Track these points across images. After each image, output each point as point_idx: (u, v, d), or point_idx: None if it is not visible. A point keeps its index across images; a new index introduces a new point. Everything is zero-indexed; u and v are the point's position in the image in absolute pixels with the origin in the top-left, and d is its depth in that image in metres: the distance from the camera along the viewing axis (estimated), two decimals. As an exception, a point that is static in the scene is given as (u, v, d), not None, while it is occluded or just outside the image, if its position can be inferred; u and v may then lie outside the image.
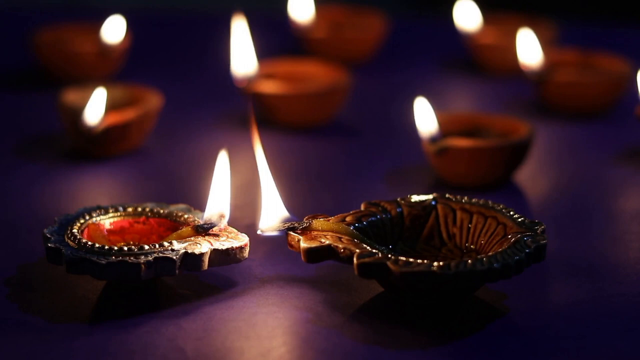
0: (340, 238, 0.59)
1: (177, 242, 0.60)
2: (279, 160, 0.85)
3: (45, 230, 0.61)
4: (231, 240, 0.61)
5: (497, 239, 0.61)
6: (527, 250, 0.58)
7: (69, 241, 0.60)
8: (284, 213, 0.62)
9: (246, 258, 0.61)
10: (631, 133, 0.90)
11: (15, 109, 0.98)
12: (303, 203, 0.76)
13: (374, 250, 0.58)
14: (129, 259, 0.58)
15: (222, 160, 0.64)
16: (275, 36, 1.15)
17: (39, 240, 0.63)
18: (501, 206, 0.63)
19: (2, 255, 0.66)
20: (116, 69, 1.02)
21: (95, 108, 0.81)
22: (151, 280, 0.61)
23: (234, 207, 0.67)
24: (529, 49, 0.97)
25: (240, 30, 0.93)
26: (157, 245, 0.59)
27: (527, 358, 0.56)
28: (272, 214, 0.62)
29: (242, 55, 0.92)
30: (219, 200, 0.63)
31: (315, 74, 0.94)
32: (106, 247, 0.59)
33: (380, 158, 0.86)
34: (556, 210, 0.76)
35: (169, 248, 0.59)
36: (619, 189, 0.81)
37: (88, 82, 0.86)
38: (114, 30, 1.01)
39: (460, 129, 0.81)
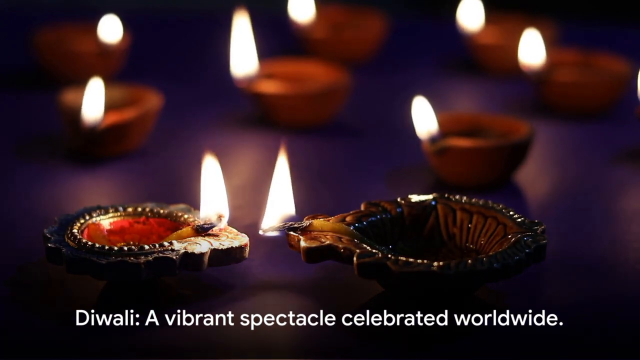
0: (340, 238, 0.59)
1: (177, 242, 0.60)
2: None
3: (45, 230, 0.61)
4: (231, 240, 0.61)
5: (497, 239, 0.61)
6: (527, 250, 0.58)
7: (69, 241, 0.60)
8: (291, 213, 0.62)
9: (246, 258, 0.61)
10: (631, 133, 0.90)
11: (15, 109, 0.98)
12: (303, 203, 0.76)
13: (374, 250, 0.58)
14: (129, 259, 0.58)
15: (211, 163, 0.64)
16: (276, 36, 1.15)
17: (39, 240, 0.63)
18: (501, 206, 0.63)
19: (2, 255, 0.66)
20: (116, 69, 1.02)
21: (94, 106, 0.81)
22: (151, 280, 0.61)
23: (235, 207, 0.67)
24: (529, 49, 0.97)
25: (241, 30, 0.93)
26: (157, 245, 0.59)
27: (527, 358, 0.56)
28: (277, 214, 0.62)
29: (243, 55, 0.92)
30: (215, 201, 0.63)
31: (315, 74, 0.94)
32: (106, 247, 0.59)
33: (380, 158, 0.86)
34: (556, 210, 0.76)
35: (169, 248, 0.59)
36: (619, 189, 0.81)
37: (88, 82, 0.85)
38: (113, 30, 1.01)
39: (460, 129, 0.81)
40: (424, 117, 0.79)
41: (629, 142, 0.88)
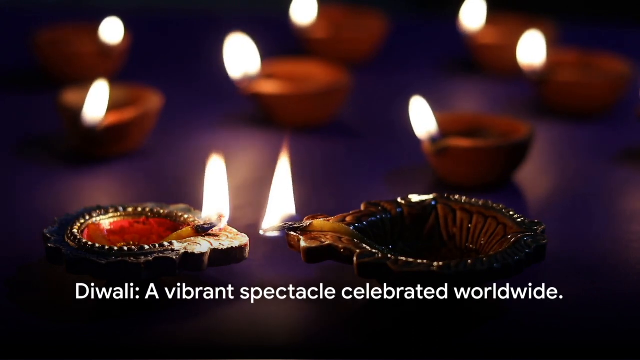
0: (340, 238, 0.59)
1: (177, 242, 0.60)
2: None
3: (45, 230, 0.61)
4: (231, 240, 0.61)
5: (497, 239, 0.61)
6: (527, 250, 0.58)
7: (69, 241, 0.60)
8: (291, 213, 0.62)
9: (246, 258, 0.61)
10: (631, 133, 0.90)
11: (15, 109, 0.98)
12: (303, 203, 0.76)
13: (374, 250, 0.58)
14: (129, 259, 0.58)
15: (216, 163, 0.64)
16: (276, 36, 1.15)
17: (39, 240, 0.63)
18: (501, 206, 0.63)
19: (2, 255, 0.66)
20: (116, 69, 1.02)
21: (95, 106, 0.81)
22: (151, 280, 0.61)
23: (234, 207, 0.67)
24: (529, 49, 0.97)
25: (241, 30, 0.93)
26: (157, 245, 0.59)
27: (527, 357, 0.56)
28: (277, 214, 0.62)
29: (243, 55, 0.92)
30: (217, 200, 0.63)
31: (315, 74, 0.94)
32: (106, 247, 0.59)
33: (380, 158, 0.86)
34: (556, 210, 0.76)
35: (169, 248, 0.59)
36: (619, 189, 0.81)
37: (88, 82, 0.86)
38: (113, 30, 1.01)
39: (460, 129, 0.81)
40: (423, 117, 0.79)
41: (629, 142, 0.88)
